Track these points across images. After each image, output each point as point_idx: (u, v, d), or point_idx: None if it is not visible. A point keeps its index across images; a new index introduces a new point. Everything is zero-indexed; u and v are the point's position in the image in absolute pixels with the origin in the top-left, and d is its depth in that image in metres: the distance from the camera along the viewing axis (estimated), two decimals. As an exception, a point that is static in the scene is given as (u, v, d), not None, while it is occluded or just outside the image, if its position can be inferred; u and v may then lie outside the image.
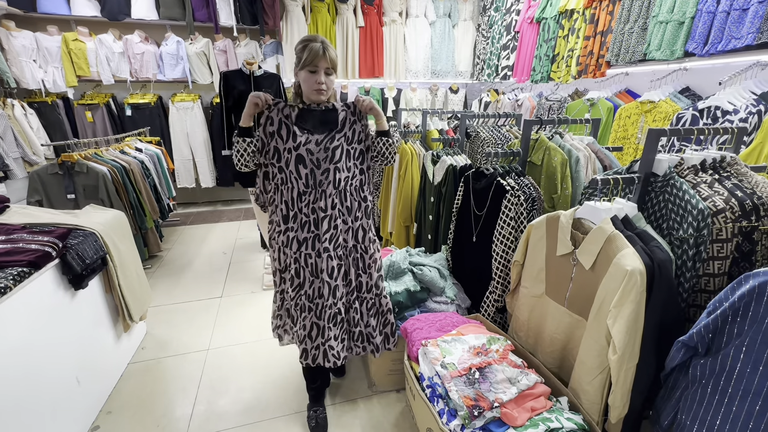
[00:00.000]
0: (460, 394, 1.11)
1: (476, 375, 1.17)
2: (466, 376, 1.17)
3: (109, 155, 2.93)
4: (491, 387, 1.14)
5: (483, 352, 1.27)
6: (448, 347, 1.29)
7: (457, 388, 1.13)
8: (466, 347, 1.28)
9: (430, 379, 1.24)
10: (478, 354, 1.26)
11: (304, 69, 1.30)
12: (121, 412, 1.67)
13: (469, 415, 1.08)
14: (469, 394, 1.12)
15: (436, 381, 1.21)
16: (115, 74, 4.06)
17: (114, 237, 1.81)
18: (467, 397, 1.11)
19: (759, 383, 0.79)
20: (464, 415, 1.08)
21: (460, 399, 1.10)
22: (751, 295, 0.79)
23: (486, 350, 1.27)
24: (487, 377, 1.17)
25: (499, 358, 1.24)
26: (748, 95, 2.17)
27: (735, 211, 1.06)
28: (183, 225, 4.16)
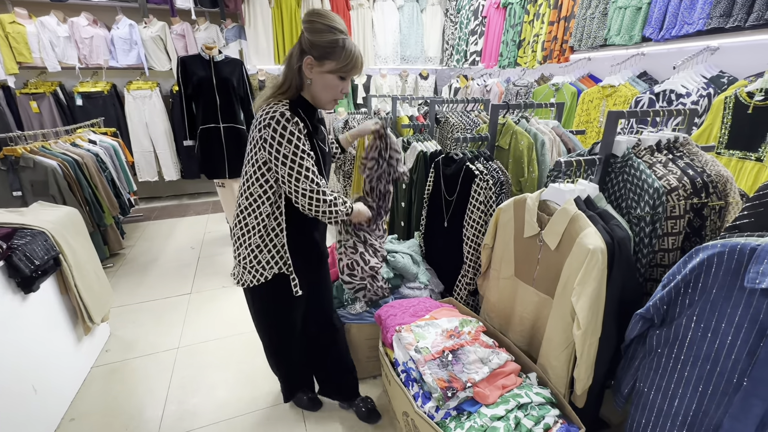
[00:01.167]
0: (434, 377, 1.13)
1: (449, 357, 1.19)
2: (440, 359, 1.19)
3: (58, 148, 2.73)
4: (464, 368, 1.17)
5: (456, 334, 1.29)
6: (421, 332, 1.30)
7: (431, 371, 1.15)
8: (439, 331, 1.30)
9: (404, 364, 1.25)
10: (451, 337, 1.28)
11: (335, 73, 1.09)
12: (86, 419, 1.59)
13: (443, 396, 1.10)
14: (443, 377, 1.14)
15: (411, 365, 1.22)
16: (61, 60, 3.76)
17: (67, 235, 1.70)
18: (441, 379, 1.13)
19: (708, 348, 0.84)
20: (438, 397, 1.10)
21: (434, 382, 1.12)
22: (701, 267, 0.84)
23: (458, 333, 1.30)
24: (459, 359, 1.20)
25: (471, 339, 1.27)
26: (699, 79, 2.29)
27: (687, 188, 1.12)
28: (147, 220, 3.97)
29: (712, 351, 0.84)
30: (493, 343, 1.31)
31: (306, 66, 1.08)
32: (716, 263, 0.81)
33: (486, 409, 1.08)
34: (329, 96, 1.14)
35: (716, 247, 0.81)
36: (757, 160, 1.83)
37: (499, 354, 1.22)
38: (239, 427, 1.56)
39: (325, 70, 1.08)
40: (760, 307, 0.75)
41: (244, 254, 1.23)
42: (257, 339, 2.05)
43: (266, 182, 1.14)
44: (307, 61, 1.07)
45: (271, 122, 1.05)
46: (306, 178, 1.10)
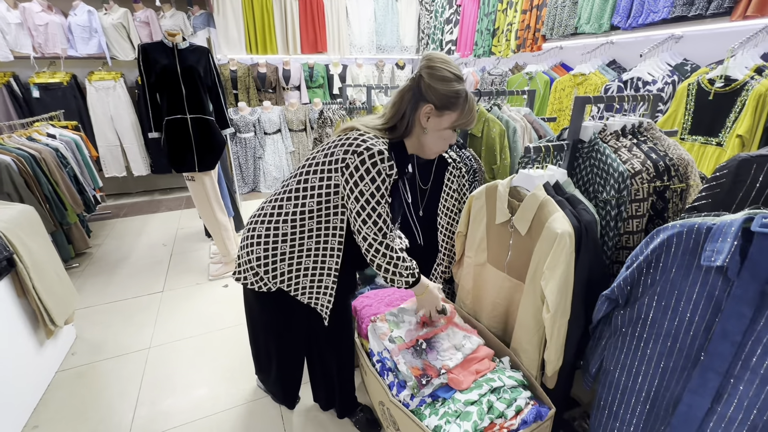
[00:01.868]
0: (408, 366, 1.13)
1: (423, 346, 1.19)
2: (414, 347, 1.19)
3: (12, 143, 2.57)
4: (438, 355, 1.17)
5: (429, 322, 1.29)
6: (395, 320, 1.30)
7: (405, 360, 1.15)
8: (412, 319, 1.30)
9: (379, 354, 1.24)
10: (425, 325, 1.28)
11: (453, 126, 1.03)
12: (50, 425, 1.52)
13: (417, 384, 1.10)
14: (417, 365, 1.14)
15: (385, 355, 1.21)
16: (13, 49, 3.53)
17: (22, 235, 1.60)
18: (415, 368, 1.13)
19: (668, 326, 0.87)
20: (413, 385, 1.10)
21: (408, 370, 1.12)
22: (662, 248, 0.86)
23: (432, 320, 1.30)
24: (434, 347, 1.20)
25: (446, 323, 1.28)
26: (665, 67, 2.35)
27: (650, 172, 1.15)
28: (115, 218, 3.81)
29: (672, 328, 0.87)
30: (466, 326, 1.32)
31: (423, 114, 1.01)
32: (675, 243, 0.83)
33: (460, 394, 1.09)
34: (439, 147, 1.07)
35: (675, 227, 0.83)
36: (717, 144, 1.90)
37: (471, 338, 1.24)
38: (216, 424, 1.53)
39: (444, 122, 1.02)
40: (715, 283, 0.78)
41: (262, 256, 1.12)
42: (233, 335, 2.03)
43: (328, 202, 1.05)
44: (426, 110, 1.00)
45: (365, 153, 0.97)
46: (374, 224, 1.01)
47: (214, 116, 2.39)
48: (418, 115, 1.02)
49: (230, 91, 4.31)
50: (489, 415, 1.02)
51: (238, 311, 2.24)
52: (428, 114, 1.01)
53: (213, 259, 2.84)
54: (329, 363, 1.40)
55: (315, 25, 4.37)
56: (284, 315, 1.25)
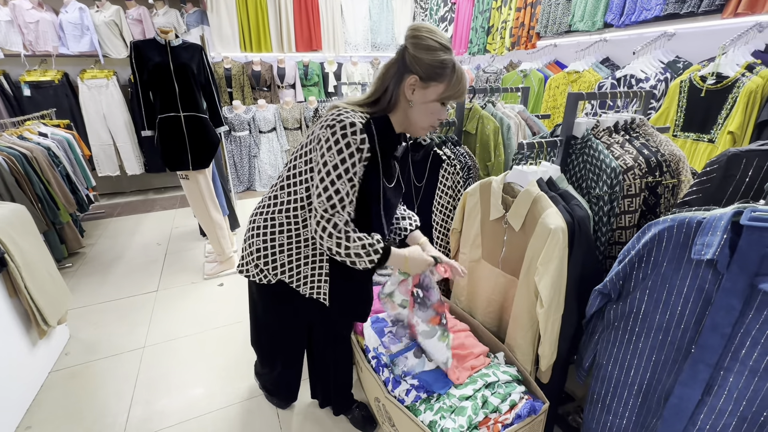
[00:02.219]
0: (427, 321, 1.14)
1: (420, 293, 1.15)
2: (415, 301, 1.15)
3: (3, 142, 2.54)
4: (435, 290, 1.15)
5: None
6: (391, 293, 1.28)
7: (420, 316, 1.14)
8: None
9: (375, 350, 1.25)
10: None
11: (439, 98, 0.96)
12: (43, 426, 1.51)
13: (443, 327, 1.12)
14: (431, 315, 1.13)
15: (381, 351, 1.22)
16: (3, 47, 3.48)
17: (13, 234, 1.58)
18: (432, 318, 1.13)
19: (660, 320, 0.88)
20: (441, 334, 1.12)
21: (429, 325, 1.12)
22: (653, 242, 0.86)
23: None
24: (426, 285, 1.15)
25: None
26: (657, 64, 2.37)
27: (642, 167, 1.16)
28: (109, 217, 3.78)
29: (664, 321, 0.87)
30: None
31: (408, 87, 0.95)
32: (666, 237, 0.84)
33: (455, 389, 1.10)
34: (427, 122, 1.00)
35: (666, 222, 0.84)
36: (709, 141, 1.92)
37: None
38: (211, 423, 1.52)
39: (431, 95, 0.95)
40: (705, 277, 0.79)
41: (261, 248, 1.11)
42: (228, 334, 2.02)
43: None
44: (411, 81, 0.94)
45: (336, 125, 0.91)
46: (327, 199, 0.93)
47: (207, 114, 2.37)
48: (402, 88, 0.96)
49: (225, 90, 4.28)
50: (483, 410, 1.03)
51: (234, 310, 2.24)
52: (413, 86, 0.95)
53: (208, 258, 2.83)
54: (326, 359, 1.40)
55: (310, 22, 4.35)
56: (286, 308, 1.24)
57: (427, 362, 1.15)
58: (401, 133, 1.08)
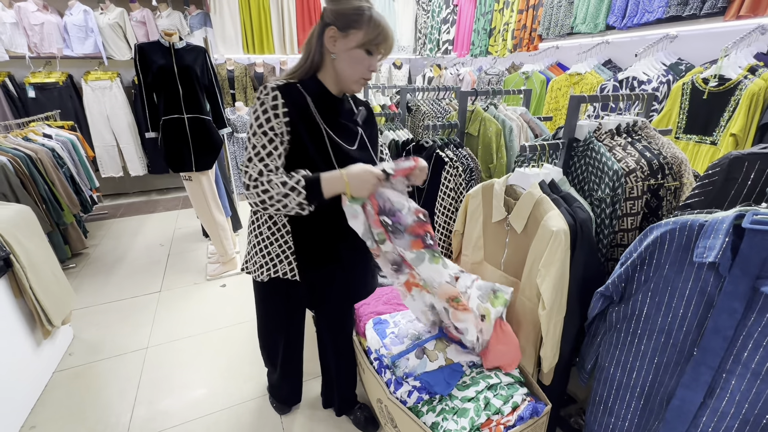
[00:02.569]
0: (408, 245, 1.05)
1: (388, 221, 1.06)
2: (388, 231, 1.06)
3: (9, 143, 2.56)
4: (401, 212, 1.06)
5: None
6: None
7: (399, 244, 1.06)
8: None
9: (377, 351, 1.25)
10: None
11: (362, 46, 0.95)
12: (47, 426, 1.52)
13: (429, 247, 1.05)
14: (410, 240, 1.05)
15: (383, 353, 1.22)
16: (9, 49, 3.51)
17: (18, 235, 1.60)
18: (415, 242, 1.05)
19: (662, 322, 0.88)
20: (431, 256, 1.05)
21: (411, 249, 1.04)
22: (655, 245, 0.87)
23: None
24: (392, 211, 1.06)
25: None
26: (660, 66, 2.37)
27: (644, 170, 1.16)
28: (112, 218, 3.80)
29: (666, 324, 0.88)
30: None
31: (329, 39, 0.96)
32: (668, 240, 0.84)
33: (457, 391, 1.10)
34: (356, 73, 0.98)
35: (668, 224, 0.84)
36: (711, 143, 1.92)
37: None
38: (214, 423, 1.53)
39: (351, 42, 0.95)
40: (707, 279, 0.79)
41: (253, 242, 1.15)
42: (231, 334, 2.03)
43: None
44: (330, 33, 0.95)
45: (257, 93, 0.96)
46: (247, 156, 0.95)
47: (211, 116, 2.39)
48: (324, 42, 0.97)
49: (227, 91, 4.30)
50: (486, 412, 1.03)
51: (236, 311, 2.25)
52: (333, 37, 0.96)
53: (210, 259, 2.84)
54: (328, 358, 1.41)
55: (312, 24, 4.36)
56: (286, 307, 1.26)
57: (429, 363, 1.16)
58: (353, 98, 1.12)
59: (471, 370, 1.19)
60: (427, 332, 1.29)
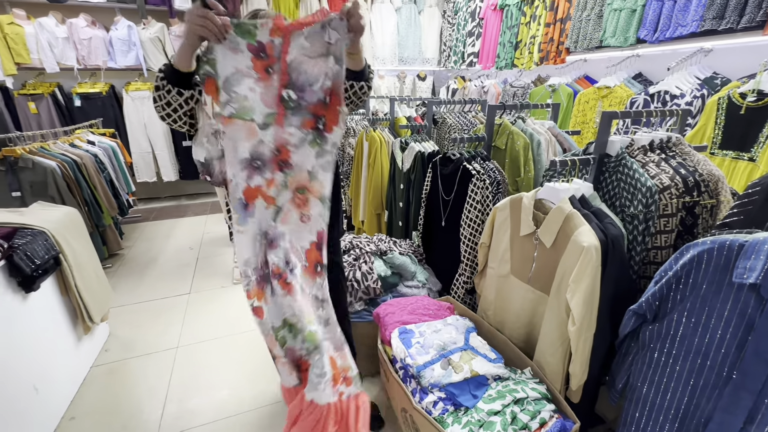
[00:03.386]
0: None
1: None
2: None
3: (57, 149, 2.74)
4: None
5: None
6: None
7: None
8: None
9: (402, 360, 1.26)
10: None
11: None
12: (85, 418, 1.60)
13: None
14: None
15: (408, 362, 1.23)
16: (59, 61, 3.77)
17: (67, 235, 1.71)
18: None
19: (698, 343, 0.86)
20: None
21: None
22: (692, 264, 0.86)
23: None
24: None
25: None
26: (693, 80, 2.32)
27: (679, 187, 1.14)
28: (145, 221, 3.97)
29: (703, 345, 0.86)
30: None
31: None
32: (706, 259, 0.83)
33: (483, 404, 1.10)
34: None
35: (706, 243, 0.83)
36: (749, 160, 1.86)
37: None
38: (238, 425, 1.57)
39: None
40: (748, 301, 0.77)
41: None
42: (257, 338, 2.08)
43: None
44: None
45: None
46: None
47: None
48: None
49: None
50: (513, 426, 1.02)
51: (261, 315, 2.30)
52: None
53: (237, 264, 2.92)
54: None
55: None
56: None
57: (454, 374, 1.16)
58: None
59: (496, 383, 1.18)
60: (452, 343, 1.29)
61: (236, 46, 0.93)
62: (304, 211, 1.03)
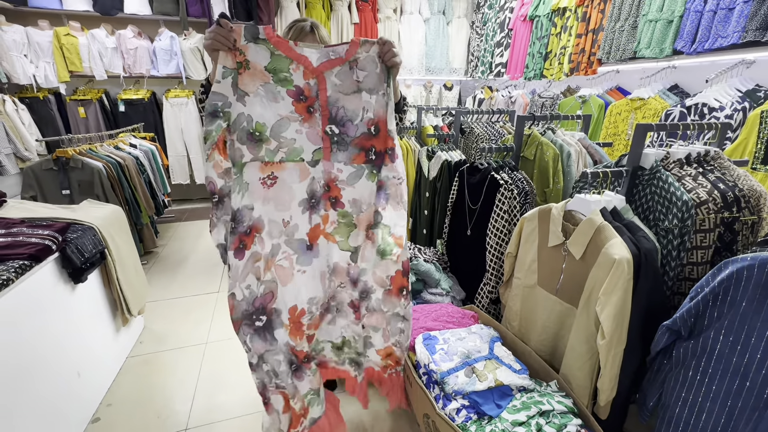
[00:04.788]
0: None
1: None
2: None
3: (103, 151, 2.92)
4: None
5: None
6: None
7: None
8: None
9: (426, 366, 1.27)
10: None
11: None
12: (121, 405, 1.68)
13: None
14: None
15: (432, 368, 1.24)
16: (108, 69, 4.03)
17: (112, 231, 1.82)
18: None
19: (737, 362, 0.84)
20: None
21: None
22: (730, 280, 0.84)
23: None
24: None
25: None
26: (734, 92, 2.24)
27: (717, 202, 1.11)
28: (178, 221, 4.15)
29: (742, 365, 0.83)
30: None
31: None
32: (746, 276, 0.81)
33: (507, 414, 1.10)
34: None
35: (746, 260, 0.81)
36: (794, 176, 1.78)
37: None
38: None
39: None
40: (791, 321, 0.75)
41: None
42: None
43: None
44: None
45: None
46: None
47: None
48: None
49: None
50: (538, 438, 1.02)
51: (286, 316, 2.36)
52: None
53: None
54: None
55: (368, 48, 4.60)
56: None
57: (478, 382, 1.16)
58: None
59: (521, 394, 1.18)
60: (476, 352, 1.29)
61: (277, 94, 0.99)
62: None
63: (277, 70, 0.98)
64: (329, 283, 1.12)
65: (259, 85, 0.97)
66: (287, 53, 0.97)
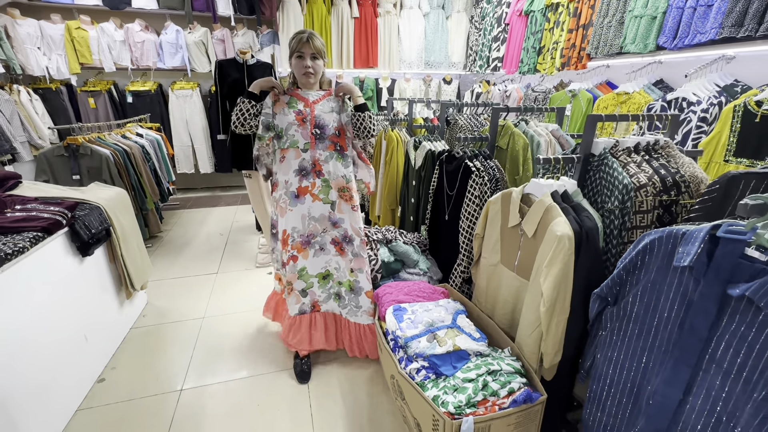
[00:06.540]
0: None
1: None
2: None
3: (111, 139, 3.09)
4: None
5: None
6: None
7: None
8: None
9: (393, 333, 1.41)
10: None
11: (293, 56, 1.61)
12: (124, 368, 1.85)
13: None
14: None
15: (398, 334, 1.38)
16: (116, 62, 4.20)
17: (117, 211, 1.98)
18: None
19: (649, 322, 0.96)
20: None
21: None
22: (645, 250, 0.95)
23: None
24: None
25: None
26: (712, 87, 2.31)
27: (656, 186, 1.22)
28: (182, 208, 4.33)
29: (653, 325, 0.95)
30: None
31: (290, 65, 1.68)
32: (656, 246, 0.92)
33: (460, 373, 1.23)
34: (298, 72, 1.64)
35: (658, 232, 0.93)
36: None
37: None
38: (251, 385, 1.77)
39: (290, 57, 1.64)
40: (687, 283, 0.86)
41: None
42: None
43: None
44: (289, 61, 1.67)
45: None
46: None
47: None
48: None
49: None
50: (483, 392, 1.15)
51: (279, 295, 2.51)
52: (290, 63, 1.66)
53: (261, 250, 3.17)
54: None
55: (368, 42, 4.70)
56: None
57: (438, 347, 1.29)
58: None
59: (477, 358, 1.30)
60: (440, 321, 1.42)
61: (288, 114, 1.65)
62: (353, 203, 1.75)
63: (290, 103, 1.67)
64: (308, 222, 1.72)
65: (282, 109, 1.66)
66: (296, 96, 1.68)
